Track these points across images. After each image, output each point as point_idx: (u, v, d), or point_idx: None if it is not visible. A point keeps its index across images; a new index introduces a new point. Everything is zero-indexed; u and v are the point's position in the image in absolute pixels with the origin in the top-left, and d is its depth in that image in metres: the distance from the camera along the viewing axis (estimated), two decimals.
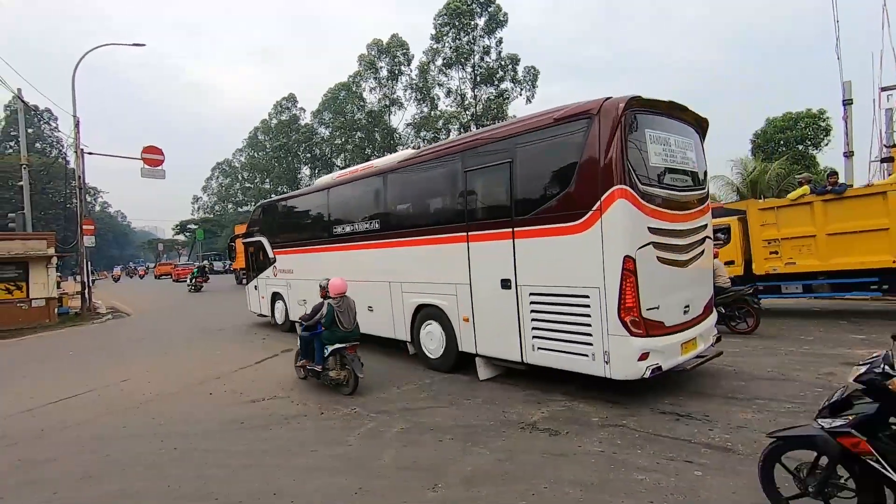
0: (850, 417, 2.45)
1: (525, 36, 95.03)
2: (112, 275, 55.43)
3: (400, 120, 50.23)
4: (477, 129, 44.27)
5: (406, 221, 7.47)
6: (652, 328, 4.83)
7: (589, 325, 4.94)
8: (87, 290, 19.00)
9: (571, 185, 5.08)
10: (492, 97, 43.30)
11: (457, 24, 41.77)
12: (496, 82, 43.28)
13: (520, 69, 42.65)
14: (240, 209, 69.99)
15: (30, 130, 37.53)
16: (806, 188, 9.28)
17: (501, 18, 41.80)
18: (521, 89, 43.01)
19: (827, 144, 30.51)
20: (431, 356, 7.10)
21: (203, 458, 4.41)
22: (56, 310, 16.37)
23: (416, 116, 47.39)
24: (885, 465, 2.33)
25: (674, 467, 3.62)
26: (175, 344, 10.96)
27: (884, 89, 14.72)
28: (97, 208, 70.16)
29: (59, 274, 26.21)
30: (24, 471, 4.46)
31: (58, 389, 7.23)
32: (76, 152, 19.16)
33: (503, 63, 42.71)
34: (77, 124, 18.69)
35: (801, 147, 30.98)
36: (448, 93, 44.85)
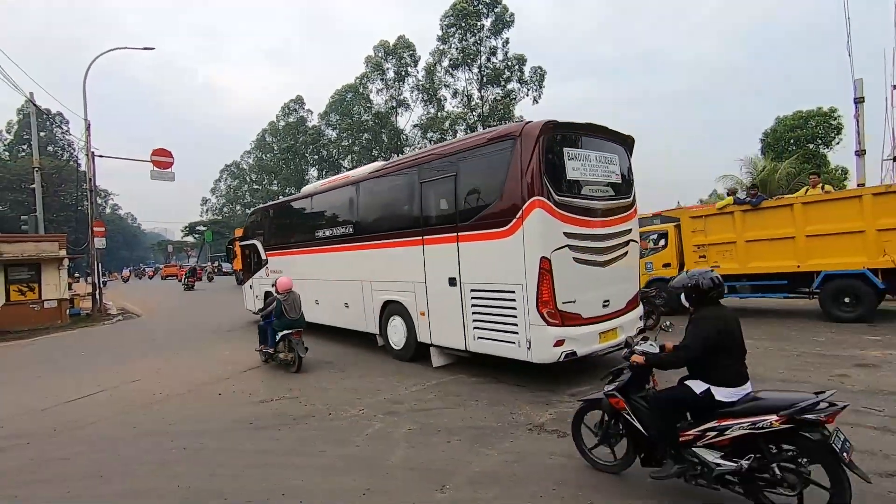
0: (617, 383, 3.39)
1: (535, 35, 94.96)
2: (121, 276, 56.08)
3: (407, 121, 50.34)
4: (483, 129, 44.22)
5: (374, 226, 8.27)
6: (568, 319, 5.59)
7: (515, 317, 5.72)
8: (98, 292, 19.21)
9: (500, 197, 5.90)
10: (498, 98, 43.26)
11: (463, 24, 41.81)
12: (503, 83, 43.25)
13: (526, 70, 42.59)
14: (247, 210, 70.59)
15: (42, 134, 38.13)
16: (730, 199, 10.22)
17: (508, 19, 41.81)
18: (528, 90, 42.93)
19: (838, 143, 30.17)
20: (396, 347, 7.94)
21: (213, 458, 4.43)
22: (68, 311, 16.56)
23: (423, 117, 47.47)
24: (635, 418, 3.26)
25: None
26: (184, 344, 11.04)
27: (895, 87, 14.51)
28: (108, 210, 70.95)
29: (75, 275, 26.62)
30: (37, 469, 4.50)
31: (70, 389, 7.31)
32: (87, 155, 19.39)
33: (510, 64, 42.68)
34: (88, 127, 18.91)
35: (811, 146, 30.67)
36: (455, 94, 44.89)
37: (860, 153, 17.02)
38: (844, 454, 2.50)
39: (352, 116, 52.80)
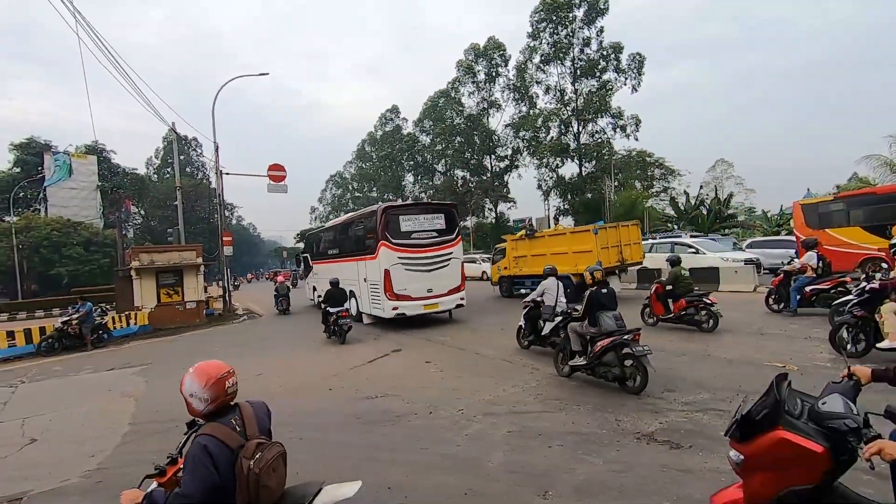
0: None
1: (633, 19, 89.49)
2: (245, 279, 63.12)
3: (498, 122, 50.32)
4: (578, 124, 42.70)
5: (341, 250, 15.31)
6: (401, 297, 11.66)
7: (379, 297, 11.86)
8: (227, 294, 21.65)
9: (371, 239, 12.20)
10: (593, 90, 41.48)
11: (554, 18, 40.75)
12: (598, 74, 41.41)
13: (623, 57, 40.36)
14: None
15: (181, 157, 44.02)
16: (522, 232, 16.70)
17: (602, 7, 39.82)
18: (626, 78, 40.67)
19: None
20: (353, 315, 13.07)
21: (324, 449, 4.76)
22: (204, 311, 18.86)
23: (515, 116, 47.08)
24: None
25: None
26: (299, 342, 12.02)
27: None
28: (233, 221, 79.61)
29: (211, 282, 30.45)
30: None
31: None
32: (217, 174, 21.95)
33: (605, 53, 40.74)
34: (217, 149, 21.41)
35: None
36: (547, 90, 43.95)
37: None
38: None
39: (444, 121, 53.92)
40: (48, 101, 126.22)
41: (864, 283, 6.58)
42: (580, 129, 42.94)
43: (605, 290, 6.23)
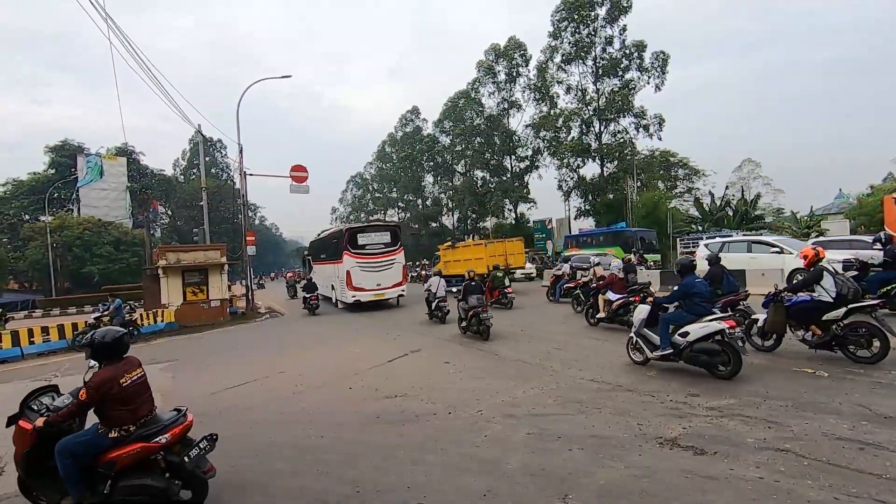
0: None
1: (658, 16, 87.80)
2: (269, 278, 64.33)
3: (519, 122, 50.00)
4: (599, 124, 42.14)
5: (327, 255, 20.90)
6: (359, 290, 17.56)
7: (344, 289, 17.76)
8: (250, 293, 22.04)
9: (340, 249, 18.21)
10: (616, 89, 40.87)
11: (576, 17, 40.28)
12: (620, 73, 40.79)
13: (647, 56, 39.66)
14: (370, 217, 75.85)
15: (207, 159, 45.05)
16: (449, 243, 24.23)
17: (625, 5, 39.21)
18: (649, 77, 39.93)
19: None
20: (333, 302, 19.79)
21: (345, 448, 4.80)
22: (228, 309, 19.25)
23: (535, 117, 46.70)
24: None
25: None
26: (320, 341, 12.18)
27: None
28: (256, 222, 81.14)
29: (234, 280, 31.55)
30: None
31: (231, 377, 8.49)
32: (240, 175, 22.37)
33: (627, 52, 40.10)
34: (241, 151, 21.83)
35: None
36: (568, 89, 43.45)
37: None
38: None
39: (464, 122, 53.84)
40: (81, 106, 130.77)
41: None
42: (602, 128, 42.39)
43: (473, 283, 11.13)
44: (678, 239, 26.13)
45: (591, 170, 44.14)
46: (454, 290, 14.18)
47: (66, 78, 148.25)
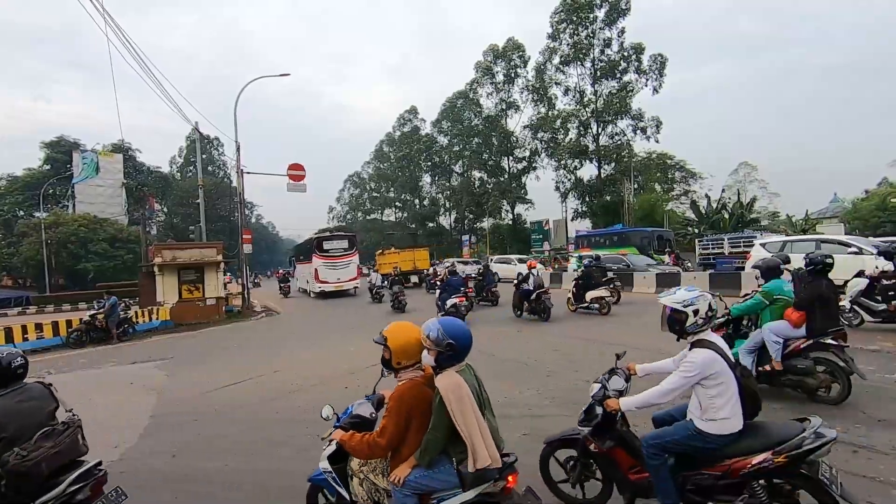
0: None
1: (657, 19, 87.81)
2: (266, 276, 64.28)
3: (516, 123, 50.12)
4: (597, 125, 42.19)
5: (302, 256, 29.89)
6: (323, 283, 24.57)
7: (316, 280, 24.65)
8: (246, 291, 22.00)
9: (311, 252, 25.69)
10: (614, 91, 40.99)
11: (574, 19, 40.40)
12: (618, 75, 40.93)
13: (645, 58, 39.81)
14: (368, 217, 75.63)
15: (204, 156, 44.92)
16: (380, 251, 33.57)
17: (623, 7, 39.35)
18: (647, 79, 40.09)
19: None
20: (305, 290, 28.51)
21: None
22: (224, 308, 19.19)
23: (533, 118, 46.80)
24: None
25: None
26: (315, 340, 12.17)
27: None
28: (253, 220, 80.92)
29: (227, 275, 32.80)
30: (203, 442, 5.33)
31: (227, 375, 8.46)
32: (238, 173, 22.32)
33: (626, 54, 40.24)
34: (238, 149, 21.79)
35: None
36: (566, 91, 43.58)
37: None
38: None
39: (462, 122, 53.91)
40: (83, 103, 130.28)
41: None
42: (599, 130, 42.50)
43: (397, 275, 20.08)
44: (697, 241, 25.84)
45: (588, 171, 44.32)
46: (385, 282, 21.67)
47: (70, 75, 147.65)
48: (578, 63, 41.99)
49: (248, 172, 22.86)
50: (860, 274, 8.61)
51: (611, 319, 11.77)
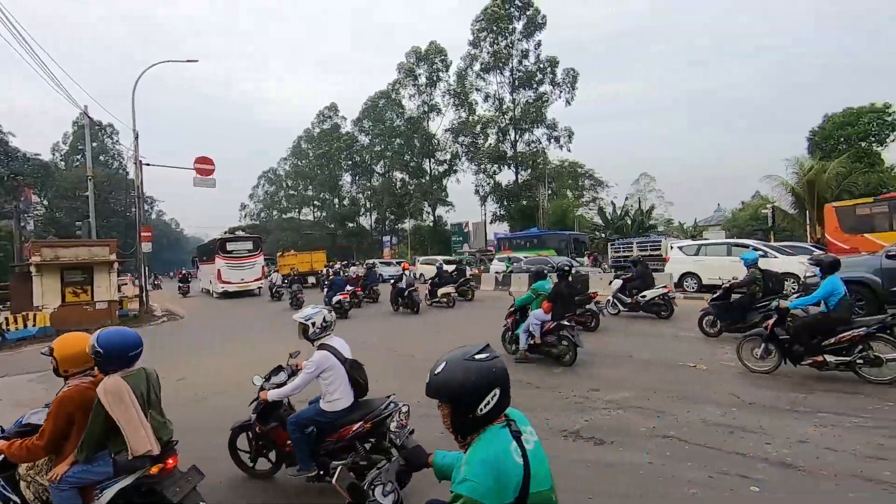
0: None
1: (573, 37, 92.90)
2: (170, 275, 59.17)
3: (438, 126, 50.67)
4: (515, 132, 43.86)
5: (205, 257, 29.28)
6: (227, 282, 24.82)
7: (219, 281, 24.85)
8: (144, 294, 20.11)
9: (214, 253, 26.00)
10: (530, 100, 42.90)
11: (494, 28, 41.71)
12: (535, 85, 42.89)
13: (559, 71, 42.09)
14: (284, 216, 72.33)
15: (94, 144, 40.34)
16: (280, 252, 35.80)
17: (540, 21, 41.36)
18: (561, 91, 42.40)
19: (894, 140, 28.46)
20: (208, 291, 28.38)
21: None
22: (117, 312, 17.38)
23: (454, 122, 47.60)
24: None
25: (727, 482, 3.46)
26: (222, 345, 11.41)
27: None
28: (153, 216, 74.15)
29: (128, 275, 30.70)
30: None
31: None
32: (135, 164, 20.37)
33: (542, 66, 42.29)
34: (136, 137, 19.88)
35: (863, 144, 29.03)
36: (486, 97, 44.85)
37: None
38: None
39: (384, 122, 53.48)
40: None
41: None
42: (517, 137, 44.25)
43: (296, 276, 21.87)
44: (610, 244, 27.52)
45: (506, 176, 45.93)
46: (285, 282, 22.42)
47: None
48: (498, 71, 43.42)
49: (148, 164, 20.98)
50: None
51: (455, 311, 14.61)
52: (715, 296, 8.60)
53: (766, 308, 7.45)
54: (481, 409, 1.49)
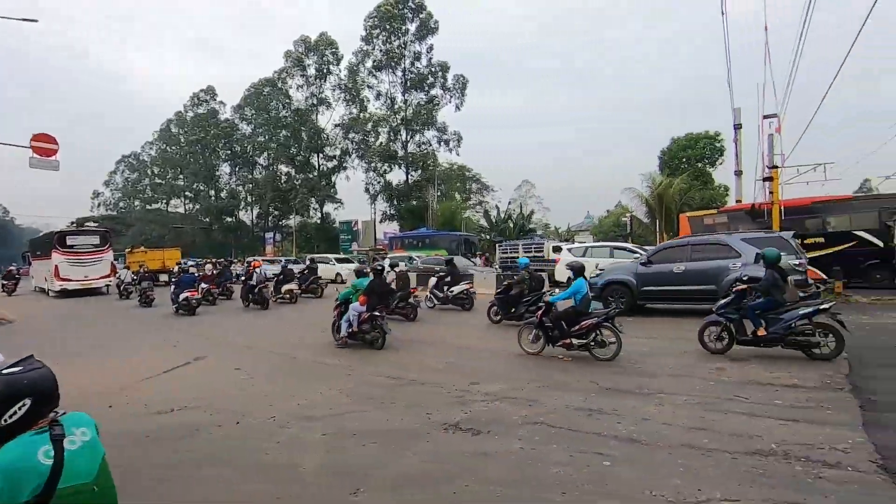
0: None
1: (468, 45, 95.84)
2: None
3: (328, 120, 49.20)
4: (406, 133, 44.27)
5: (40, 252, 24.75)
6: (66, 280, 21.30)
7: (56, 278, 21.32)
8: None
9: (50, 247, 22.09)
10: (422, 102, 43.57)
11: (388, 27, 41.66)
12: (426, 88, 43.65)
13: (449, 77, 43.34)
14: (148, 206, 64.57)
15: None
16: (129, 248, 33.31)
17: (432, 25, 42.21)
18: (451, 96, 43.70)
19: (721, 164, 33.96)
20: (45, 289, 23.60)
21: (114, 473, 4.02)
22: None
23: (345, 117, 46.60)
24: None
25: (585, 459, 3.87)
26: (75, 352, 9.86)
27: (766, 117, 16.57)
28: None
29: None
30: None
31: None
32: None
33: (433, 70, 43.18)
34: None
35: (700, 165, 34.27)
36: (378, 95, 44.62)
37: (738, 173, 19.32)
38: None
39: (269, 112, 50.50)
40: None
41: None
42: (408, 138, 44.67)
43: (146, 273, 19.09)
44: (498, 245, 28.81)
45: (397, 176, 46.14)
46: (135, 279, 20.51)
47: None
48: (390, 70, 43.43)
49: None
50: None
51: (301, 306, 15.84)
52: (498, 291, 10.90)
53: (529, 302, 9.97)
54: (5, 420, 1.57)
